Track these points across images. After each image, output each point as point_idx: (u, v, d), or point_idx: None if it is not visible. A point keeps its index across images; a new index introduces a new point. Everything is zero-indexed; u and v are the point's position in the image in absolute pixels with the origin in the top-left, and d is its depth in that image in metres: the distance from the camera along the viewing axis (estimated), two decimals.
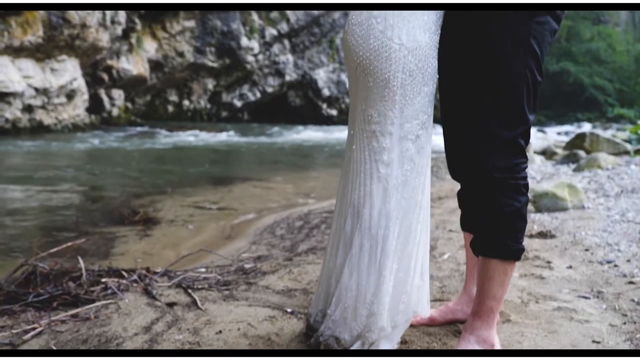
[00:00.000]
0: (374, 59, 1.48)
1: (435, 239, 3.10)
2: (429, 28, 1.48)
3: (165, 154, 9.63)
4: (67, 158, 8.01)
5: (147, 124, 15.83)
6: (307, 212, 4.19)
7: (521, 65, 1.42)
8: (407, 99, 1.49)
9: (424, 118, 1.53)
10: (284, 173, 6.97)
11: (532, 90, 1.46)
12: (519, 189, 1.47)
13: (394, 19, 1.46)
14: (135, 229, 3.64)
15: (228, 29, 18.86)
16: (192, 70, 18.97)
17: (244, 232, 3.60)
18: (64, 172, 6.39)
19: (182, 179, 6.25)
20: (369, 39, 1.48)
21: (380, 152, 1.52)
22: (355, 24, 1.52)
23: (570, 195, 3.87)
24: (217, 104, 20.81)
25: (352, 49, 1.52)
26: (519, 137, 1.46)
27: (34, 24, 11.62)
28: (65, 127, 13.13)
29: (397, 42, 1.45)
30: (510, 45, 1.42)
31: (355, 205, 1.56)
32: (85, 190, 5.14)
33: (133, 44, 16.07)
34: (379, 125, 1.51)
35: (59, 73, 12.57)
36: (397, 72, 1.47)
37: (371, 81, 1.50)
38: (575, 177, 5.78)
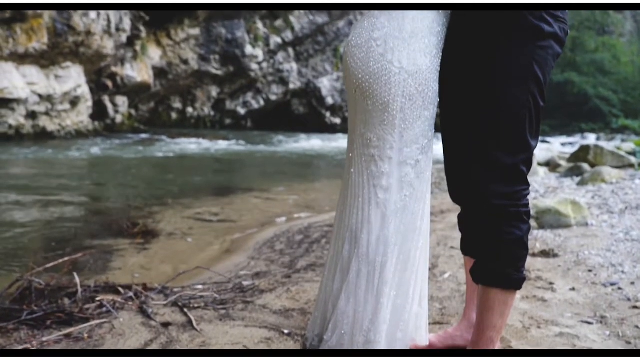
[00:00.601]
0: (374, 82, 1.45)
1: (437, 257, 3.06)
2: (430, 51, 1.45)
3: (167, 162, 9.62)
4: (69, 166, 8.00)
5: (150, 131, 15.85)
6: (307, 225, 4.16)
7: (523, 90, 1.39)
8: (407, 123, 1.46)
9: (424, 142, 1.50)
10: (286, 183, 6.95)
11: (534, 116, 1.42)
12: (521, 216, 1.44)
13: (394, 42, 1.43)
14: (134, 242, 3.61)
15: (233, 36, 18.92)
16: (196, 77, 19.02)
17: (243, 247, 3.56)
18: (65, 181, 6.38)
19: (183, 188, 6.23)
20: (369, 61, 1.45)
21: (379, 176, 1.49)
22: (355, 46, 1.49)
23: (574, 212, 3.82)
24: (221, 111, 20.84)
25: (352, 71, 1.49)
26: (521, 164, 1.43)
27: (38, 31, 11.67)
28: (68, 133, 13.15)
29: (397, 66, 1.43)
30: (512, 70, 1.39)
31: (353, 230, 1.53)
32: (86, 201, 5.12)
33: (137, 51, 16.13)
34: (378, 149, 1.48)
35: (63, 80, 12.61)
36: (397, 96, 1.44)
37: (370, 104, 1.47)
38: (579, 192, 5.73)
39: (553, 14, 1.42)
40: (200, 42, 18.42)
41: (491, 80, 1.41)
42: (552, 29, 1.41)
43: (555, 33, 1.42)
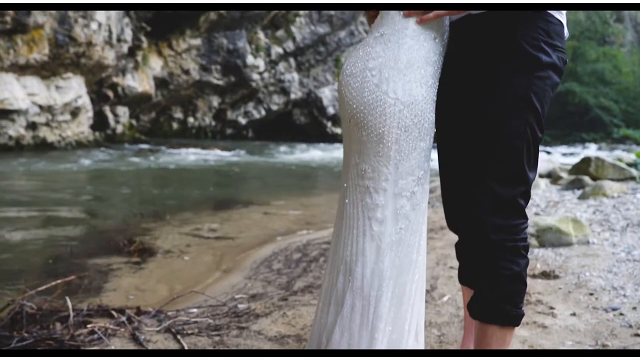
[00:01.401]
0: (368, 113, 1.42)
1: (435, 278, 3.02)
2: (426, 82, 1.42)
3: (167, 174, 9.59)
4: (68, 179, 7.97)
5: (151, 142, 15.84)
6: (306, 242, 4.12)
7: (521, 122, 1.36)
8: (403, 154, 1.43)
9: (420, 174, 1.46)
10: (286, 196, 6.91)
11: (532, 148, 1.39)
12: (519, 251, 1.40)
13: (389, 72, 1.40)
14: (130, 260, 3.58)
15: (234, 47, 18.97)
16: (198, 87, 19.05)
17: (240, 265, 3.52)
18: (63, 195, 6.35)
19: (182, 202, 6.19)
20: (363, 92, 1.42)
21: (373, 209, 1.45)
22: (350, 75, 1.46)
23: (575, 230, 3.78)
24: (222, 121, 20.86)
25: (346, 101, 1.46)
26: (519, 197, 1.39)
27: (39, 42, 11.70)
28: (69, 144, 13.15)
29: (392, 97, 1.40)
30: (510, 102, 1.36)
31: (347, 262, 1.50)
32: (83, 216, 5.08)
33: (139, 61, 16.16)
34: (373, 181, 1.45)
35: (64, 90, 12.62)
36: (392, 127, 1.41)
37: (365, 135, 1.44)
38: (580, 206, 5.69)
39: (551, 43, 1.39)
40: (202, 52, 18.46)
41: (488, 111, 1.38)
42: (550, 59, 1.38)
43: (553, 63, 1.39)
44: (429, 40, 1.43)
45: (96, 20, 12.64)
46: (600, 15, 36.01)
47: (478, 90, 1.40)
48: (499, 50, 1.38)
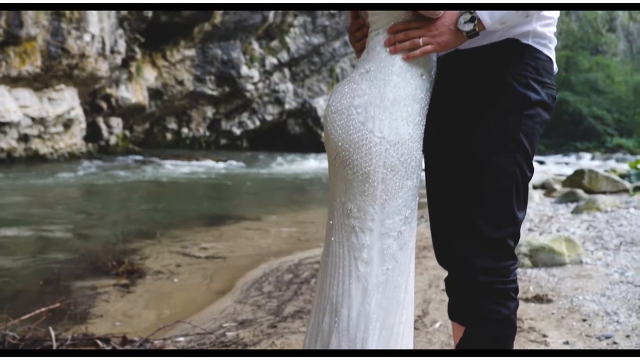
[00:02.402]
0: (354, 151, 1.38)
1: (427, 301, 2.98)
2: (413, 119, 1.39)
3: (159, 187, 9.53)
4: (58, 194, 7.90)
5: (144, 153, 15.78)
6: (297, 262, 4.08)
7: (510, 163, 1.33)
8: (389, 194, 1.39)
9: (407, 213, 1.43)
10: (278, 211, 6.87)
11: (521, 187, 1.36)
12: (508, 294, 1.37)
13: (375, 110, 1.37)
14: (119, 282, 3.52)
15: (228, 57, 18.98)
16: (192, 98, 19.03)
17: (230, 288, 3.47)
18: (53, 211, 6.28)
19: (173, 218, 6.14)
20: (349, 129, 1.39)
21: (359, 249, 1.42)
22: (335, 112, 1.43)
23: (568, 250, 3.76)
24: (216, 131, 20.83)
25: (332, 139, 1.43)
26: (508, 238, 1.36)
27: (32, 54, 11.66)
28: (61, 156, 13.07)
29: (378, 135, 1.36)
30: (498, 141, 1.33)
31: (333, 303, 1.46)
32: (72, 235, 5.02)
33: (133, 72, 16.13)
34: (359, 220, 1.41)
35: (57, 102, 12.57)
36: (378, 166, 1.37)
37: (350, 174, 1.41)
38: (574, 221, 5.68)
39: (540, 80, 1.37)
40: (196, 63, 18.46)
41: (476, 150, 1.35)
42: (539, 97, 1.35)
43: (542, 101, 1.36)
44: (416, 77, 1.40)
45: (89, 32, 12.61)
46: (593, 25, 36.31)
47: (466, 128, 1.37)
48: (487, 88, 1.35)
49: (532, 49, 1.36)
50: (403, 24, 1.38)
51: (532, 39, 1.36)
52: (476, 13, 1.30)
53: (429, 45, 1.34)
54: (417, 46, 1.35)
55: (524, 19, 1.31)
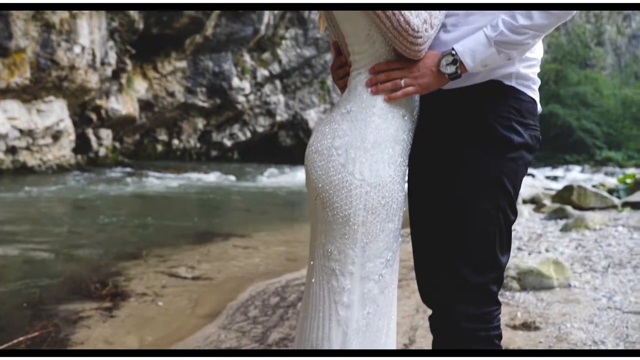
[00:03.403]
0: (334, 193, 1.36)
1: (414, 328, 2.95)
2: (394, 161, 1.37)
3: (147, 202, 9.45)
4: (43, 208, 7.81)
5: (134, 165, 15.68)
6: (284, 284, 4.03)
7: (493, 206, 1.31)
8: (370, 237, 1.36)
9: (388, 256, 1.40)
10: (268, 227, 6.82)
11: (504, 231, 1.34)
12: (491, 341, 1.34)
13: (355, 152, 1.35)
14: (102, 306, 3.46)
15: (220, 69, 18.98)
16: (183, 109, 18.98)
17: (215, 312, 3.42)
18: (38, 227, 6.19)
19: (160, 235, 6.07)
20: (329, 171, 1.37)
21: (339, 292, 1.38)
22: (316, 152, 1.41)
23: (556, 273, 3.74)
24: (207, 143, 20.77)
25: (312, 179, 1.40)
26: (491, 284, 1.33)
27: (21, 66, 11.58)
28: (49, 168, 12.95)
29: (358, 178, 1.34)
30: (481, 185, 1.31)
31: (313, 346, 1.42)
32: (56, 254, 4.94)
33: (123, 84, 16.07)
34: (339, 263, 1.38)
35: (46, 114, 12.48)
36: (359, 209, 1.35)
37: (331, 216, 1.38)
38: (562, 240, 5.68)
39: (523, 122, 1.35)
40: (187, 74, 18.44)
41: (458, 194, 1.33)
42: (522, 139, 1.33)
43: (525, 143, 1.35)
44: (398, 118, 1.37)
45: (79, 43, 12.56)
46: (581, 39, 36.74)
47: (448, 170, 1.35)
48: (469, 130, 1.33)
49: (515, 90, 1.35)
50: (385, 64, 1.36)
51: (515, 80, 1.35)
52: (458, 55, 1.28)
53: (411, 87, 1.32)
54: (398, 87, 1.33)
55: (506, 61, 1.30)
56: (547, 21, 1.23)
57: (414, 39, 1.27)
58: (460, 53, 1.27)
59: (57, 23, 11.95)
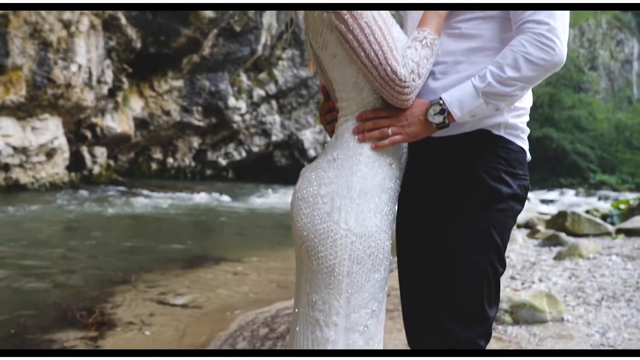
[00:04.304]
0: (319, 242, 1.33)
1: None
2: (381, 210, 1.34)
3: (139, 222, 9.38)
4: (33, 229, 7.73)
5: (127, 183, 15.61)
6: (274, 313, 3.97)
7: (481, 259, 1.28)
8: (355, 287, 1.33)
9: (374, 306, 1.36)
10: (260, 251, 6.76)
11: (493, 284, 1.31)
12: None
13: (341, 201, 1.32)
14: (87, 335, 3.39)
15: (216, 88, 19.02)
16: (178, 128, 18.98)
17: (202, 343, 3.36)
18: (25, 250, 6.11)
19: (150, 259, 6.01)
20: (314, 219, 1.34)
21: (324, 343, 1.35)
22: (301, 199, 1.38)
23: (549, 306, 3.70)
24: (202, 162, 20.74)
25: (298, 227, 1.38)
26: (479, 339, 1.30)
27: (17, 83, 11.57)
28: (42, 185, 12.87)
29: (344, 227, 1.31)
30: (469, 237, 1.28)
31: None
32: (43, 279, 4.86)
33: (119, 102, 16.08)
34: (323, 313, 1.35)
35: (40, 132, 12.43)
36: (344, 259, 1.32)
37: (315, 265, 1.35)
38: (556, 269, 5.65)
39: (512, 172, 1.33)
40: (183, 93, 18.47)
41: (446, 246, 1.30)
42: (510, 190, 1.31)
43: (514, 193, 1.32)
44: (385, 166, 1.35)
45: (76, 62, 12.59)
46: (575, 63, 37.13)
47: (436, 220, 1.33)
48: (457, 181, 1.31)
49: (504, 140, 1.33)
50: (372, 112, 1.34)
51: (503, 130, 1.33)
52: (446, 105, 1.27)
53: (398, 136, 1.31)
54: (385, 136, 1.31)
55: (495, 111, 1.28)
56: (535, 73, 1.22)
57: (401, 89, 1.26)
58: (448, 103, 1.26)
59: (54, 41, 11.99)
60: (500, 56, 1.24)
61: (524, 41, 1.21)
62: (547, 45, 1.20)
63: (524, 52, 1.21)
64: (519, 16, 1.25)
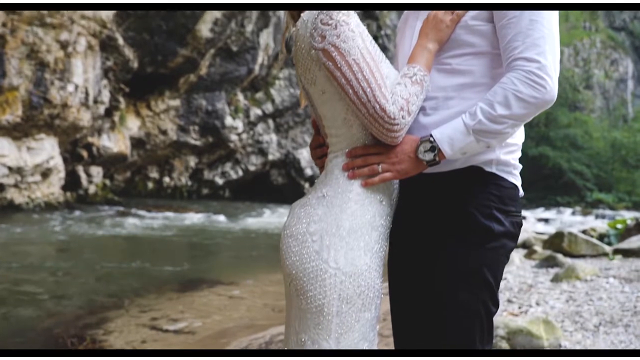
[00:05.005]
0: (308, 281, 1.30)
1: None
2: (371, 248, 1.32)
3: (134, 244, 9.31)
4: (25, 252, 7.65)
5: (123, 202, 15.55)
6: (269, 339, 3.92)
7: (473, 299, 1.26)
8: (345, 327, 1.30)
9: (364, 346, 1.33)
10: (255, 274, 6.70)
11: (485, 324, 1.28)
12: None
13: (330, 239, 1.30)
14: None
15: (213, 108, 19.08)
16: (175, 147, 18.98)
17: None
18: (17, 274, 6.04)
19: (144, 282, 5.94)
20: (303, 257, 1.31)
21: None
22: (290, 237, 1.35)
23: (546, 333, 3.66)
24: (199, 181, 20.71)
25: (286, 264, 1.35)
26: None
27: (13, 104, 11.58)
28: (37, 205, 12.81)
29: (333, 266, 1.28)
30: (461, 277, 1.26)
31: None
32: (35, 304, 4.80)
33: (116, 121, 16.09)
34: None
35: (36, 152, 12.41)
36: (333, 299, 1.29)
37: (304, 304, 1.32)
38: (553, 292, 5.61)
39: (504, 209, 1.31)
40: (180, 112, 18.51)
41: (437, 286, 1.28)
42: (503, 228, 1.29)
43: (507, 231, 1.30)
44: (375, 203, 1.33)
45: (73, 82, 12.61)
46: (570, 83, 37.44)
47: (428, 258, 1.30)
48: (449, 219, 1.29)
49: (495, 177, 1.31)
50: (362, 149, 1.32)
51: (495, 167, 1.32)
52: (436, 142, 1.25)
53: (388, 173, 1.29)
54: (375, 173, 1.29)
55: (486, 149, 1.27)
56: (526, 111, 1.21)
57: (390, 126, 1.25)
58: (438, 140, 1.24)
59: (51, 62, 12.02)
60: (490, 93, 1.23)
61: (515, 79, 1.20)
62: (537, 83, 1.19)
63: (514, 90, 1.20)
64: (509, 53, 1.24)
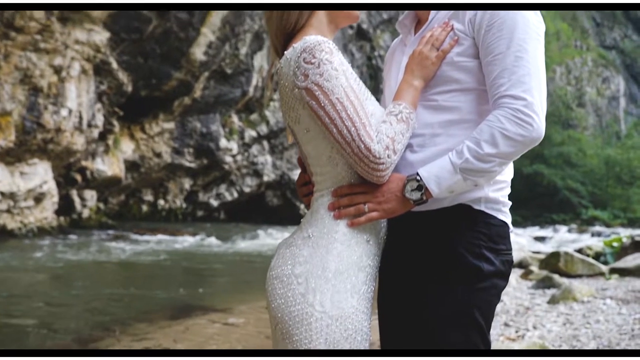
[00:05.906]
0: (293, 325, 1.26)
1: None
2: (358, 290, 1.28)
3: (127, 269, 9.22)
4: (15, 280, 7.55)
5: (118, 226, 15.44)
6: None
7: (463, 340, 1.23)
8: None
9: None
10: (249, 300, 6.62)
11: None
12: None
13: (316, 281, 1.26)
14: None
15: (207, 130, 19.08)
16: (169, 170, 18.93)
17: None
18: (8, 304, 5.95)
19: (136, 308, 5.86)
20: (288, 300, 1.28)
21: None
22: (276, 278, 1.32)
23: None
24: (193, 203, 20.62)
25: (272, 307, 1.31)
26: None
27: (6, 129, 11.54)
28: (30, 231, 12.69)
29: (319, 310, 1.25)
30: (450, 319, 1.22)
31: None
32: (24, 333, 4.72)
33: (110, 145, 16.06)
34: None
35: (29, 177, 12.34)
36: (319, 344, 1.25)
37: (290, 348, 1.28)
38: (550, 314, 5.56)
39: (494, 247, 1.28)
40: (175, 135, 18.49)
41: (427, 326, 1.24)
42: (493, 267, 1.26)
43: (497, 271, 1.27)
44: (362, 243, 1.30)
45: (67, 106, 12.61)
46: (563, 100, 37.76)
47: (417, 299, 1.27)
48: (437, 259, 1.26)
49: (484, 214, 1.29)
50: (347, 188, 1.30)
51: (484, 204, 1.29)
52: (423, 181, 1.23)
53: (375, 212, 1.26)
54: (362, 212, 1.26)
55: (473, 186, 1.24)
56: (513, 149, 1.19)
57: (375, 165, 1.22)
58: (425, 179, 1.22)
59: (45, 87, 12.03)
60: (477, 131, 1.21)
61: (501, 116, 1.19)
62: (524, 121, 1.17)
63: (500, 128, 1.18)
64: (495, 90, 1.23)
